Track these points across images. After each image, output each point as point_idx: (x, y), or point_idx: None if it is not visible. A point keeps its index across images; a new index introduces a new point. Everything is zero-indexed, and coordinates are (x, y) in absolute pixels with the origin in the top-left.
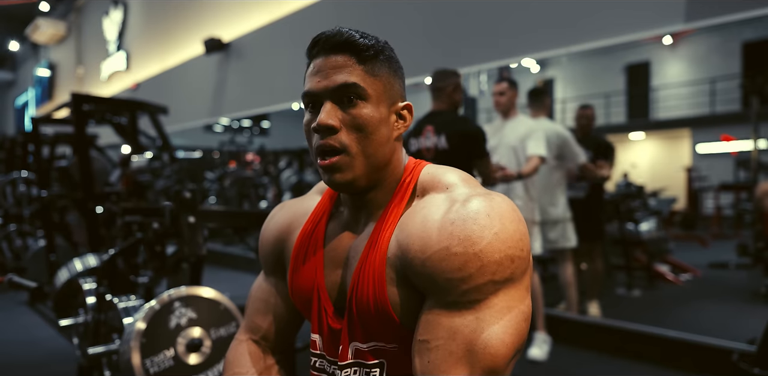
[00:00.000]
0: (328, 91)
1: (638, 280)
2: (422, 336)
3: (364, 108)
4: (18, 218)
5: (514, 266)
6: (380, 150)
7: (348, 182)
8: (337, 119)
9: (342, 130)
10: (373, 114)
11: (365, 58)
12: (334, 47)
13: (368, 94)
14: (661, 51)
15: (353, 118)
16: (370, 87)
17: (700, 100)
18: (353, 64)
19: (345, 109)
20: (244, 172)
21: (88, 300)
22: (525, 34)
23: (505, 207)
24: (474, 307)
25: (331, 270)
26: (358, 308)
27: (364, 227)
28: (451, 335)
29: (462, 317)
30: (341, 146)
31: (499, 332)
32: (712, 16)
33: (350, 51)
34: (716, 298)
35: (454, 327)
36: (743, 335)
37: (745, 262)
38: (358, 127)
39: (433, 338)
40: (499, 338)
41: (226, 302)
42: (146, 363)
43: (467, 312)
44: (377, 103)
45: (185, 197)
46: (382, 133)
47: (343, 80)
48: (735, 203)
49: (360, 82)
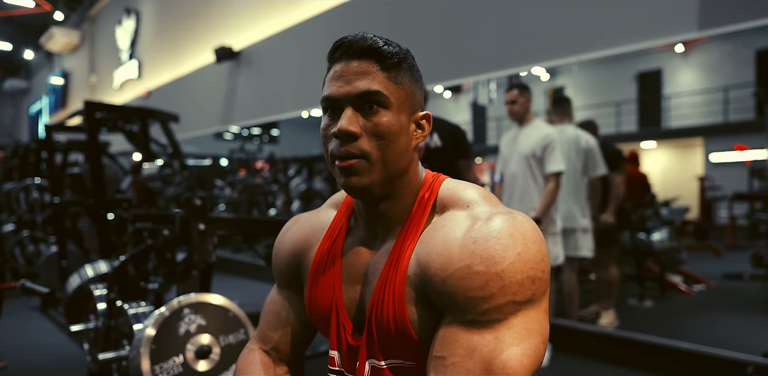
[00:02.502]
0: (349, 97)
1: (650, 290)
2: (439, 352)
3: (385, 116)
4: (31, 224)
5: (535, 287)
6: (399, 159)
7: (364, 186)
8: (358, 126)
9: (362, 137)
10: (394, 122)
11: (389, 66)
12: (357, 53)
13: (390, 102)
14: (673, 59)
15: (374, 126)
16: (393, 95)
17: (713, 109)
18: (377, 70)
19: (366, 116)
20: (254, 180)
21: (99, 306)
22: (535, 43)
23: (528, 227)
24: (493, 326)
25: (349, 287)
26: (377, 326)
27: (383, 242)
28: (469, 353)
29: (481, 335)
30: (361, 153)
31: (518, 354)
32: (726, 24)
33: (374, 57)
34: (730, 309)
35: (473, 345)
36: (758, 347)
37: (761, 273)
38: (379, 135)
39: (449, 355)
40: (518, 360)
41: (235, 309)
42: (155, 370)
43: (486, 331)
44: (398, 111)
45: (195, 204)
46: (402, 141)
47: (365, 87)
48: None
49: (383, 90)
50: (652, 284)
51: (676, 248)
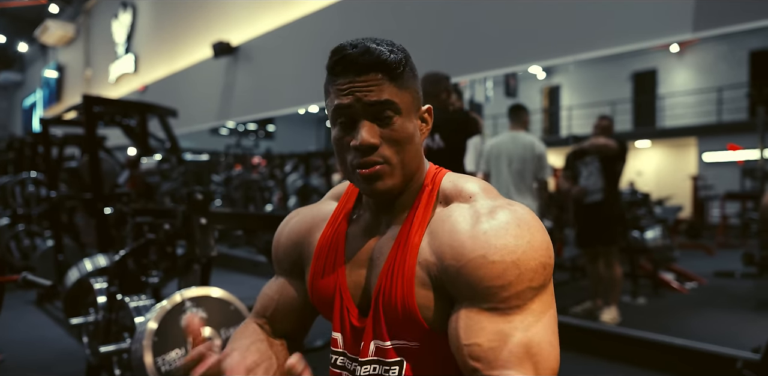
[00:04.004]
0: (365, 111)
1: (643, 288)
2: (470, 340)
3: (399, 122)
4: (26, 218)
5: (546, 273)
6: (414, 158)
7: (389, 189)
8: (378, 137)
9: (382, 146)
10: (407, 126)
11: (396, 75)
12: (365, 67)
13: (401, 108)
14: (668, 59)
15: (391, 133)
16: (402, 101)
17: (706, 109)
18: (386, 81)
19: (382, 125)
20: (250, 176)
21: (99, 299)
22: (532, 42)
23: (530, 217)
24: (516, 311)
25: (352, 271)
26: (384, 307)
27: (387, 228)
28: (502, 337)
29: (507, 321)
30: (384, 160)
31: (547, 335)
32: (720, 26)
33: (381, 70)
34: (722, 306)
35: (502, 330)
36: (748, 343)
37: (752, 271)
38: (396, 141)
39: (485, 341)
40: (548, 341)
41: (236, 302)
42: (158, 362)
43: (510, 316)
44: (408, 114)
45: (197, 199)
46: (416, 142)
47: (378, 98)
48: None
49: (394, 99)
50: (645, 281)
51: (668, 246)
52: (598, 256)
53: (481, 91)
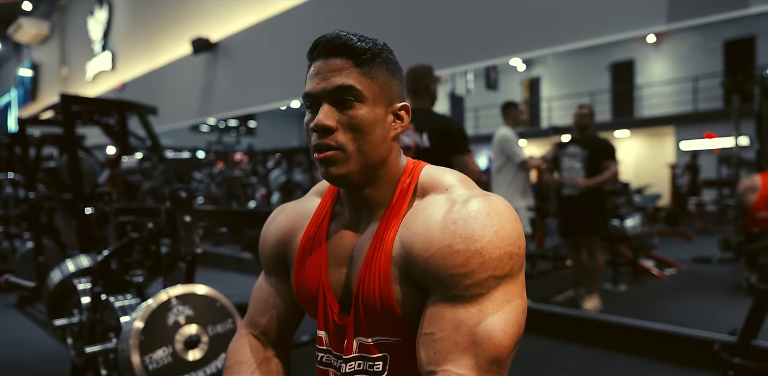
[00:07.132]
0: (325, 93)
1: (624, 275)
2: (427, 329)
3: (360, 109)
4: (5, 220)
5: (513, 263)
6: (376, 149)
7: (342, 175)
8: (334, 120)
9: (339, 130)
10: (368, 115)
11: (362, 62)
12: (332, 51)
13: (364, 95)
14: (645, 49)
15: (349, 119)
16: (366, 89)
17: (683, 98)
18: (350, 67)
19: (342, 110)
20: (233, 172)
21: (83, 300)
22: (512, 35)
23: (503, 207)
24: (477, 300)
25: (335, 269)
26: (364, 305)
27: (367, 225)
28: (456, 326)
29: (465, 309)
30: (337, 145)
31: (501, 323)
32: (693, 17)
33: (347, 54)
34: (700, 291)
35: (459, 319)
36: (725, 326)
37: (728, 256)
38: (354, 128)
39: (438, 330)
40: (501, 329)
41: (223, 299)
42: (145, 360)
43: (470, 305)
44: (373, 104)
45: (181, 197)
46: (378, 133)
47: (339, 83)
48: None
49: (356, 85)
50: (626, 268)
51: (648, 234)
52: (581, 245)
53: (462, 83)
